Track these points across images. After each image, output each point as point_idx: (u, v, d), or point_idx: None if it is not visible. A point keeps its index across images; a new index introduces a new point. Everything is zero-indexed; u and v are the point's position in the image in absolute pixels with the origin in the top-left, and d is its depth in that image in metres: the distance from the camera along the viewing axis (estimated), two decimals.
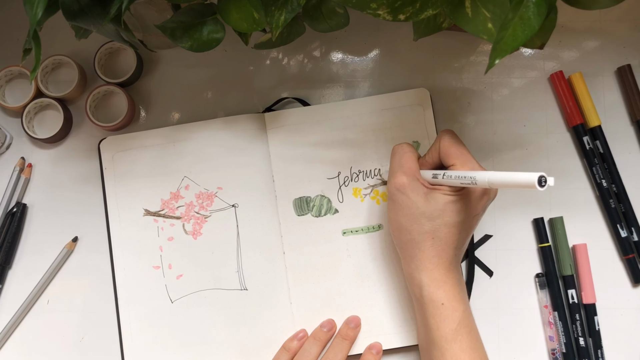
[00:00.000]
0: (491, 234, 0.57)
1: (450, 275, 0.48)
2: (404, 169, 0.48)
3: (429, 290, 0.47)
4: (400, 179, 0.48)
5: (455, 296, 0.47)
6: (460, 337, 0.46)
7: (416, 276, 0.48)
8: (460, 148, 0.48)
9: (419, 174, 0.48)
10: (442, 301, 0.47)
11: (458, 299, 0.47)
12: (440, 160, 0.49)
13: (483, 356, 0.48)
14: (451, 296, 0.47)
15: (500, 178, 0.40)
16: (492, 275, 0.56)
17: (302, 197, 0.57)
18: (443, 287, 0.47)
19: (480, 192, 0.47)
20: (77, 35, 0.45)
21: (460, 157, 0.47)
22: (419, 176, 0.48)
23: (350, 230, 0.56)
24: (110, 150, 0.57)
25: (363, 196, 0.57)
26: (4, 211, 0.57)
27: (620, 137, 0.57)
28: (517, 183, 0.38)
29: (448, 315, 0.47)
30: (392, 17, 0.39)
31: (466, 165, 0.47)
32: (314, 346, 0.54)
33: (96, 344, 0.56)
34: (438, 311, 0.47)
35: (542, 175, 0.37)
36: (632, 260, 0.56)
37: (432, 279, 0.47)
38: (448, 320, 0.47)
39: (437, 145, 0.49)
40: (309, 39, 0.59)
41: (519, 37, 0.34)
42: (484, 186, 0.42)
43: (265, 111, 0.58)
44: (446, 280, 0.47)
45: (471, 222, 0.48)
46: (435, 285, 0.47)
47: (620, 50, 0.58)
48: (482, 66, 0.59)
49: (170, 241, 0.56)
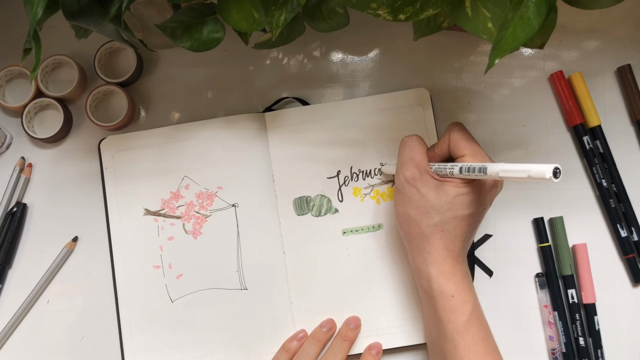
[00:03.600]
0: (491, 234, 0.57)
1: (459, 268, 0.48)
2: (415, 161, 0.48)
3: (439, 282, 0.47)
4: (411, 171, 0.48)
5: (465, 288, 0.47)
6: (472, 328, 0.46)
7: (424, 269, 0.48)
8: (470, 140, 0.48)
9: (429, 167, 0.48)
10: (452, 293, 0.47)
11: (467, 290, 0.47)
12: (450, 153, 0.49)
13: (494, 346, 0.48)
14: (460, 288, 0.47)
15: (512, 169, 0.39)
16: (492, 275, 0.56)
17: (302, 196, 0.57)
18: (452, 279, 0.47)
19: (490, 184, 0.47)
20: (77, 35, 0.45)
21: (470, 149, 0.47)
22: (429, 169, 0.48)
23: (351, 229, 0.56)
24: (110, 150, 0.57)
25: (363, 196, 0.57)
26: (4, 211, 0.57)
27: (620, 137, 0.57)
28: (530, 175, 0.37)
29: (459, 307, 0.47)
30: (392, 17, 0.39)
31: (476, 157, 0.47)
32: (313, 346, 0.54)
33: (96, 344, 0.56)
34: (449, 303, 0.47)
35: (557, 167, 0.36)
36: (632, 260, 0.56)
37: (441, 272, 0.47)
38: (459, 313, 0.46)
39: (446, 137, 0.49)
40: (309, 39, 0.59)
41: (519, 37, 0.34)
42: (494, 178, 0.42)
43: (265, 111, 0.58)
44: (455, 273, 0.47)
45: (480, 215, 0.48)
46: (445, 278, 0.47)
47: (620, 50, 0.58)
48: (482, 66, 0.59)
49: (170, 241, 0.56)
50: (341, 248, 0.56)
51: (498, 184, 0.48)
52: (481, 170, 0.43)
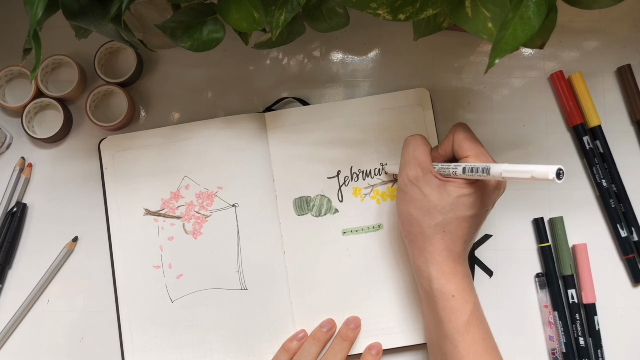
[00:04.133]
0: (491, 234, 0.57)
1: (460, 268, 0.48)
2: (419, 161, 0.48)
3: (439, 282, 0.47)
4: (414, 171, 0.48)
5: (465, 288, 0.47)
6: (472, 328, 0.46)
7: (425, 269, 0.48)
8: (475, 141, 0.48)
9: (432, 167, 0.48)
10: (453, 293, 0.47)
11: (468, 291, 0.47)
12: (453, 153, 0.49)
13: (494, 346, 0.48)
14: (461, 288, 0.47)
15: (515, 170, 0.39)
16: (492, 275, 0.56)
17: (302, 196, 0.57)
18: (453, 279, 0.47)
19: (493, 185, 0.47)
20: (77, 35, 0.45)
21: (474, 150, 0.47)
22: (432, 168, 0.48)
23: (351, 230, 0.56)
24: (110, 150, 0.57)
25: (363, 196, 0.57)
26: (4, 211, 0.57)
27: (620, 137, 0.57)
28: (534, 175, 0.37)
29: (459, 308, 0.47)
30: (392, 17, 0.39)
31: (480, 158, 0.47)
32: (313, 346, 0.53)
33: (96, 344, 0.56)
34: (449, 303, 0.47)
35: (560, 168, 0.36)
36: (632, 260, 0.56)
37: (442, 272, 0.47)
38: (459, 313, 0.46)
39: (450, 137, 0.49)
40: (309, 39, 0.59)
41: (519, 37, 0.34)
42: (497, 178, 0.42)
43: (265, 111, 0.58)
44: (455, 273, 0.47)
45: (482, 217, 0.48)
46: (446, 278, 0.47)
47: (620, 50, 0.58)
48: (482, 66, 0.59)
49: (170, 241, 0.56)
50: (341, 248, 0.56)
51: (501, 185, 0.48)
52: (484, 170, 0.43)
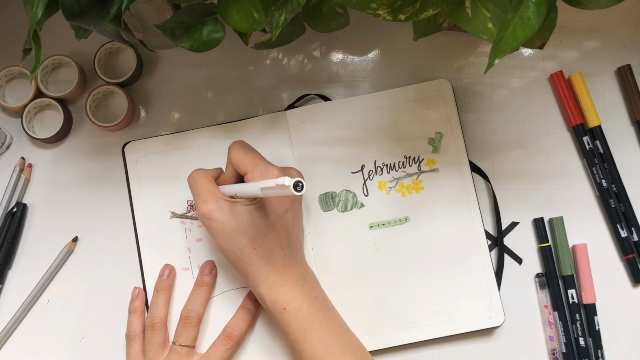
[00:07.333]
0: (518, 221, 0.57)
1: (287, 277, 0.49)
2: (203, 196, 0.48)
3: (270, 299, 0.48)
4: (203, 207, 0.48)
5: (296, 296, 0.48)
6: (308, 336, 0.47)
7: (257, 290, 0.49)
8: (249, 155, 0.48)
9: (220, 193, 0.48)
10: (284, 306, 0.48)
11: (299, 298, 0.48)
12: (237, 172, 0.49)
13: (341, 346, 0.48)
14: (291, 298, 0.48)
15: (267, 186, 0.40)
16: (521, 263, 0.56)
17: (327, 192, 0.56)
18: (281, 291, 0.48)
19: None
20: (77, 35, 0.45)
21: (249, 164, 0.47)
22: (220, 195, 0.48)
23: (377, 223, 0.56)
24: (134, 154, 0.57)
25: (388, 189, 0.56)
26: (4, 211, 0.57)
27: (620, 137, 0.57)
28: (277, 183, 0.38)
29: (292, 319, 0.47)
30: (392, 17, 0.39)
31: (255, 169, 0.47)
32: (160, 296, 0.54)
33: (96, 344, 0.56)
34: (283, 317, 0.48)
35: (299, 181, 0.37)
36: (632, 260, 0.56)
37: (269, 288, 0.48)
38: (294, 324, 0.47)
39: (229, 158, 0.49)
40: (309, 39, 0.59)
41: (519, 37, 0.34)
42: (260, 195, 0.42)
43: (288, 108, 0.58)
44: (282, 284, 0.48)
45: (285, 218, 0.48)
46: (274, 292, 0.48)
47: (620, 50, 0.58)
48: (482, 66, 0.59)
49: (198, 242, 0.56)
50: (369, 242, 0.56)
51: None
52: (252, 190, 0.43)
